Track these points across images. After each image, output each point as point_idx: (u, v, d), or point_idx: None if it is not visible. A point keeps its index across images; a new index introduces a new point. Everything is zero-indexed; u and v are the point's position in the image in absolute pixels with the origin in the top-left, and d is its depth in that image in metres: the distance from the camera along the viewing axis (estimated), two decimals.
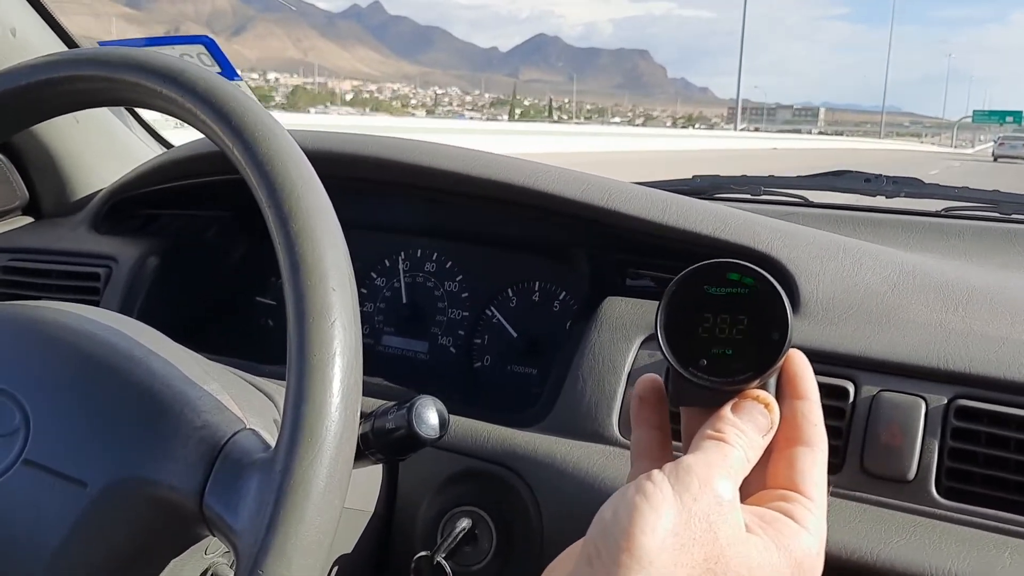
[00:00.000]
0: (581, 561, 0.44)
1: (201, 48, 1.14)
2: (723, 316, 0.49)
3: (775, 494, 0.49)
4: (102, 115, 1.22)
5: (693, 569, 0.43)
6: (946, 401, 0.69)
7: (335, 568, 0.76)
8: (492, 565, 0.77)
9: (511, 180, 0.87)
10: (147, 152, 1.26)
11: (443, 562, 0.74)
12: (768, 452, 0.50)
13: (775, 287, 0.48)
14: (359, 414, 0.51)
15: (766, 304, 0.48)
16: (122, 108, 1.26)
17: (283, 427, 0.49)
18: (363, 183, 0.97)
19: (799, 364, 0.51)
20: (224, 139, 0.56)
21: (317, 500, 0.47)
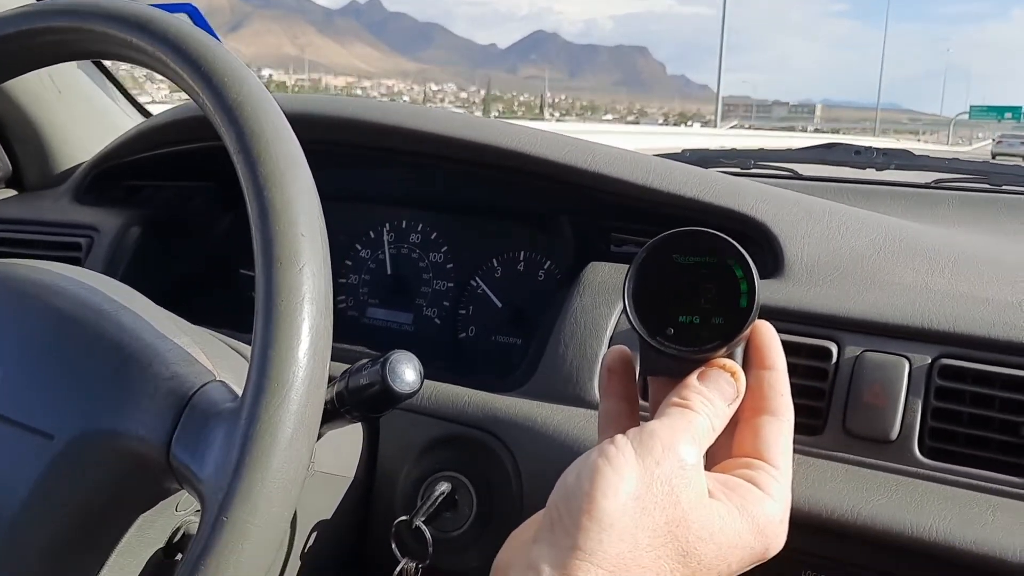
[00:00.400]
0: (544, 526, 0.44)
1: (184, 17, 1.12)
2: (691, 285, 0.48)
3: (740, 462, 0.49)
4: (85, 86, 1.21)
5: (654, 532, 0.42)
6: (930, 360, 0.68)
7: (314, 533, 0.75)
8: (472, 530, 0.76)
9: (494, 142, 0.86)
10: (130, 124, 1.24)
11: (422, 526, 0.73)
12: (734, 422, 0.50)
13: (743, 255, 0.47)
14: (328, 362, 0.50)
15: (734, 273, 0.47)
16: (104, 78, 1.25)
17: (249, 374, 0.48)
18: (345, 149, 0.96)
19: (766, 334, 0.51)
20: (194, 86, 0.55)
21: (284, 446, 0.46)
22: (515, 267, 1.01)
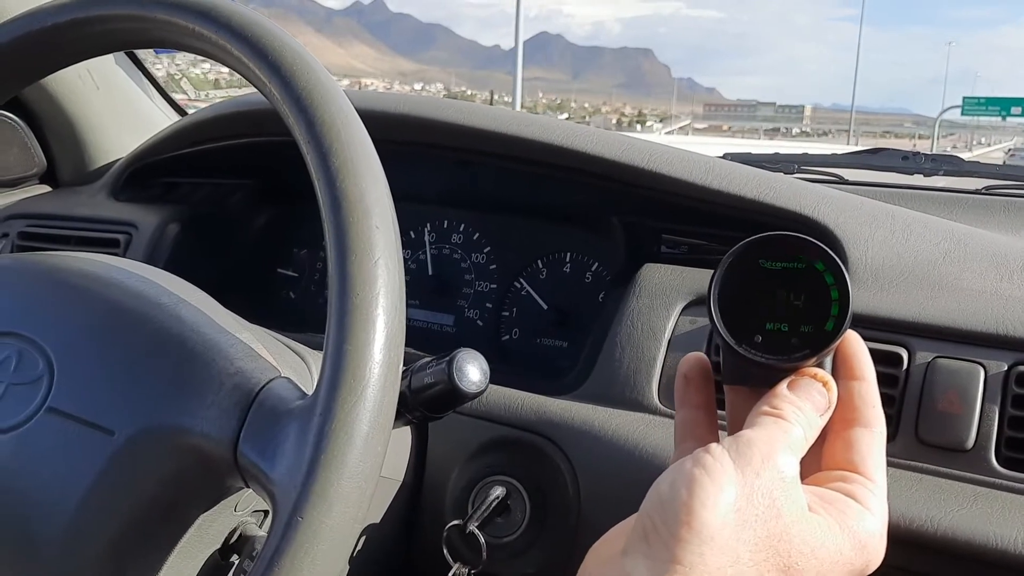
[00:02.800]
0: (636, 536, 0.42)
1: None
2: (779, 291, 0.46)
3: (834, 475, 0.47)
4: (122, 82, 1.20)
5: (756, 546, 0.40)
6: (1006, 367, 0.66)
7: (363, 537, 0.73)
8: (525, 536, 0.74)
9: (549, 140, 0.84)
10: (166, 121, 1.23)
11: (476, 531, 0.71)
12: (823, 434, 0.48)
13: (835, 261, 0.46)
14: (402, 359, 0.49)
15: (824, 280, 0.46)
16: (141, 74, 1.24)
17: (323, 368, 0.46)
18: (390, 146, 0.94)
19: (855, 344, 0.49)
20: (260, 75, 0.53)
21: (360, 445, 0.45)
22: (561, 268, 0.99)
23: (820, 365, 0.48)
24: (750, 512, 0.41)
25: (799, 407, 0.46)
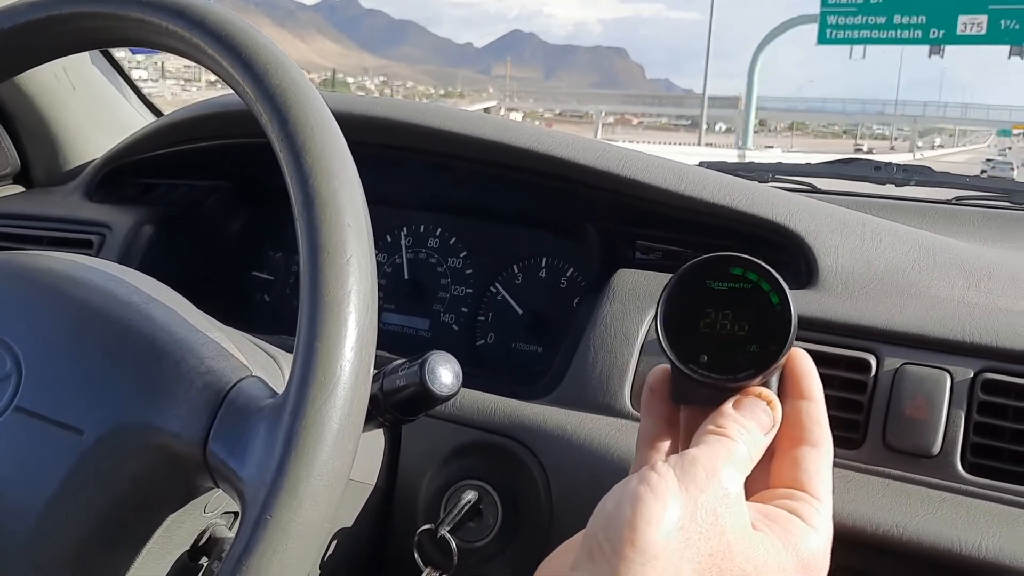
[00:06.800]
0: (582, 555, 0.42)
1: None
2: (725, 311, 0.47)
3: (780, 493, 0.47)
4: (98, 82, 1.19)
5: (698, 563, 0.40)
6: (972, 374, 0.67)
7: (334, 542, 0.73)
8: (497, 541, 0.74)
9: (526, 145, 0.84)
10: (142, 122, 1.23)
11: (447, 536, 0.71)
12: (770, 452, 0.48)
13: (779, 281, 0.46)
14: (374, 357, 0.49)
15: (769, 299, 0.46)
16: (117, 74, 1.23)
17: (294, 366, 0.46)
18: (366, 150, 0.94)
19: (803, 363, 0.49)
20: (234, 74, 0.53)
21: (330, 443, 0.45)
22: (536, 274, 0.99)
23: (767, 384, 0.48)
24: (693, 529, 0.41)
25: (743, 425, 0.46)
